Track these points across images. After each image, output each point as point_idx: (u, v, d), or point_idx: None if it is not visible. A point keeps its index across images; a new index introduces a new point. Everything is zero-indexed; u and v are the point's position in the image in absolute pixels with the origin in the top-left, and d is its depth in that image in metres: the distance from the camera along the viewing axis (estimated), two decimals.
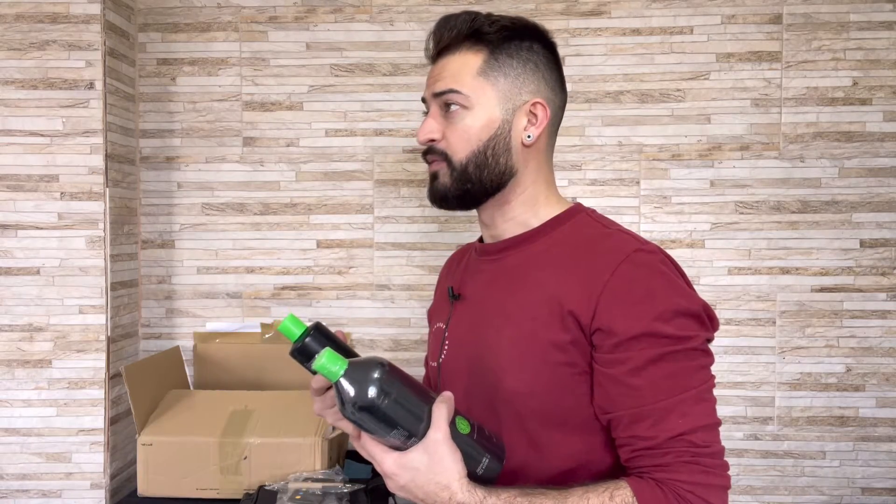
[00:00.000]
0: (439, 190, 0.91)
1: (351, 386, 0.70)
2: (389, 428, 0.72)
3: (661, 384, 0.77)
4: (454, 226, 1.68)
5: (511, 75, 0.89)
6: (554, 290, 0.83)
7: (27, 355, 1.50)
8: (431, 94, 0.91)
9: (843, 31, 1.62)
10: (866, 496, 1.63)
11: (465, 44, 0.89)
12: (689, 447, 0.76)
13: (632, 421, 0.78)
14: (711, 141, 1.64)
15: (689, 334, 0.78)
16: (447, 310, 0.98)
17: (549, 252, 0.89)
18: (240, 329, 1.70)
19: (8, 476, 1.50)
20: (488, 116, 0.88)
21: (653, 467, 0.76)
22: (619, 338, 0.78)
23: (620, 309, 0.78)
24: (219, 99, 1.69)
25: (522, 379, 0.83)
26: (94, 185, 1.49)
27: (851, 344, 1.63)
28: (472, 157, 0.89)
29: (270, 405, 1.49)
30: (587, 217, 0.92)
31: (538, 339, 0.83)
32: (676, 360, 0.78)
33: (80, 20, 1.48)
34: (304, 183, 1.69)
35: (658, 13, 1.64)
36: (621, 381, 0.78)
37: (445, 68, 0.90)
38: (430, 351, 1.01)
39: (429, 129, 0.90)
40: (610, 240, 0.86)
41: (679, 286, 0.82)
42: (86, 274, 1.50)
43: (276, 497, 1.31)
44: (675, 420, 0.76)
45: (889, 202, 1.62)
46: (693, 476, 0.75)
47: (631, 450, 0.79)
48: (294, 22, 1.68)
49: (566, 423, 0.83)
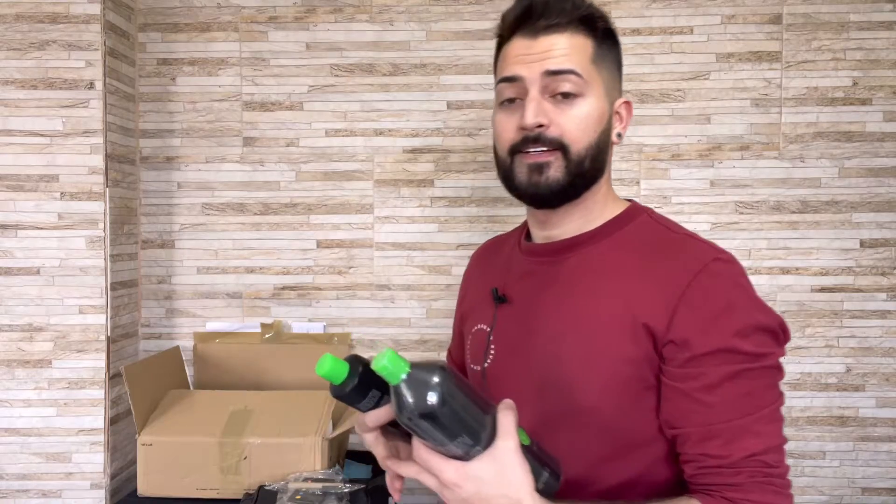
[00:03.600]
0: (549, 185, 0.82)
1: (414, 390, 0.64)
2: (453, 436, 0.65)
3: (735, 403, 0.74)
4: (454, 226, 1.68)
5: (610, 69, 0.86)
6: (625, 300, 0.79)
7: (27, 355, 1.50)
8: (544, 70, 0.81)
9: (843, 31, 1.62)
10: (866, 496, 1.63)
11: (573, 26, 0.82)
12: (762, 467, 0.73)
13: (702, 438, 0.75)
14: (711, 141, 1.64)
15: (765, 351, 0.75)
16: (489, 312, 0.92)
17: (612, 257, 0.84)
18: (240, 329, 1.70)
19: (8, 476, 1.50)
20: (600, 108, 0.83)
21: (724, 486, 0.74)
22: (693, 352, 0.74)
23: (697, 322, 0.75)
24: (219, 99, 1.69)
25: (590, 394, 0.79)
26: (94, 185, 1.49)
27: (851, 344, 1.63)
28: (590, 150, 0.82)
29: (270, 405, 1.49)
30: (649, 218, 0.87)
31: (608, 352, 0.79)
32: (752, 377, 0.75)
33: (80, 20, 1.48)
34: (304, 183, 1.69)
35: (658, 13, 1.64)
36: (693, 397, 0.75)
37: (555, 46, 0.81)
38: (472, 354, 0.95)
39: (540, 111, 0.81)
40: (684, 246, 0.82)
41: (758, 300, 0.79)
42: (86, 274, 1.50)
43: (276, 497, 1.31)
44: (749, 440, 0.74)
45: (889, 202, 1.62)
46: (765, 496, 0.73)
47: (698, 466, 0.76)
48: (294, 22, 1.68)
49: (631, 438, 0.80)
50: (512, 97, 0.84)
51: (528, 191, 0.83)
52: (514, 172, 0.84)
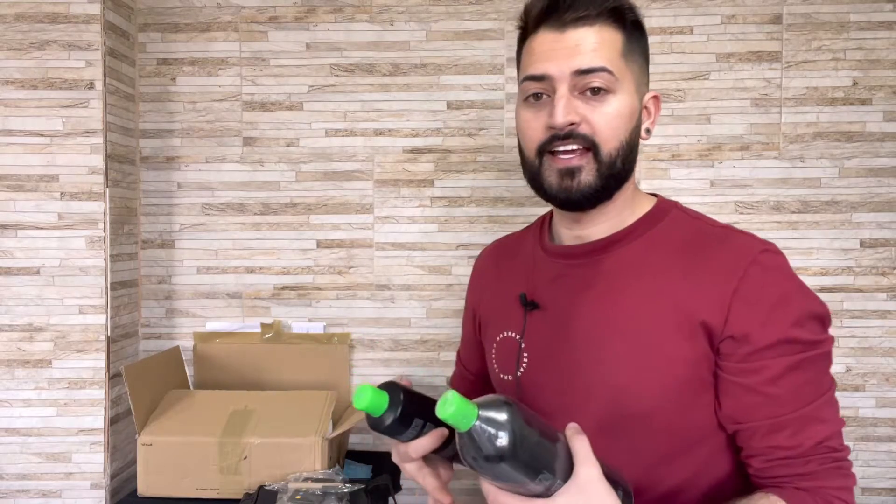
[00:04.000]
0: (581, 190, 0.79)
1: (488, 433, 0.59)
2: (534, 473, 0.62)
3: (799, 392, 0.74)
4: (454, 226, 1.68)
5: (639, 62, 0.83)
6: (674, 299, 0.77)
7: (27, 355, 1.50)
8: (574, 69, 0.77)
9: (843, 31, 1.62)
10: (866, 496, 1.63)
11: (602, 18, 0.78)
12: (830, 452, 0.74)
13: (770, 431, 0.75)
14: (711, 141, 1.64)
15: (820, 338, 0.77)
16: (517, 318, 0.88)
17: (650, 255, 0.81)
18: (240, 329, 1.70)
19: (8, 476, 1.50)
20: (631, 104, 0.80)
21: (795, 476, 0.74)
22: (754, 346, 0.74)
23: (755, 315, 0.74)
24: (219, 99, 1.69)
25: (646, 399, 0.77)
26: (94, 185, 1.49)
27: (851, 344, 1.63)
28: (621, 150, 0.79)
29: (270, 405, 1.49)
30: (681, 213, 0.86)
31: (662, 353, 0.77)
32: (811, 365, 0.76)
33: (80, 20, 1.48)
34: (304, 183, 1.69)
35: (658, 13, 1.64)
36: (758, 391, 0.74)
37: (584, 41, 0.77)
38: (501, 363, 0.91)
39: (570, 108, 0.77)
40: (728, 239, 0.80)
41: (807, 288, 0.79)
42: (86, 274, 1.50)
43: (276, 497, 1.31)
44: (816, 427, 0.74)
45: (889, 202, 1.62)
46: (837, 481, 0.74)
47: (766, 459, 0.75)
48: (294, 22, 1.68)
49: (688, 436, 0.79)
50: (538, 92, 0.80)
51: (560, 196, 0.80)
52: (542, 175, 0.81)
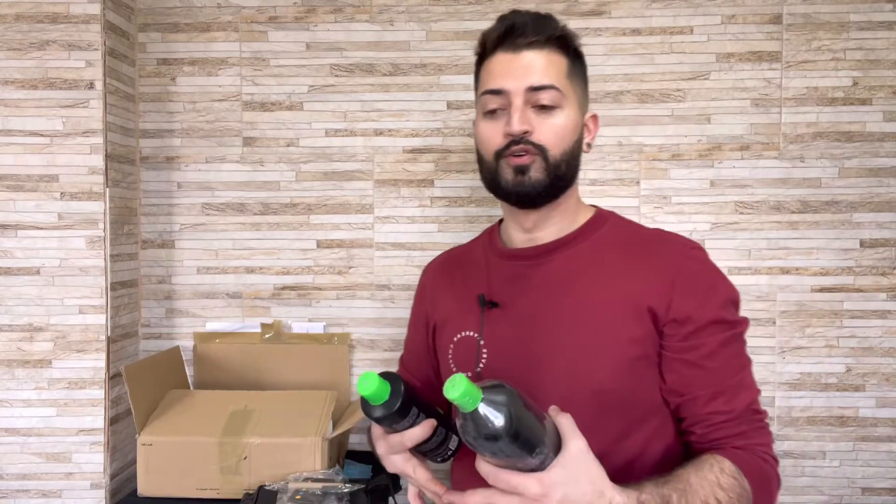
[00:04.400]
0: (532, 184, 0.91)
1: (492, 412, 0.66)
2: (532, 448, 0.69)
3: (730, 364, 0.88)
4: (454, 226, 1.68)
5: (581, 85, 0.97)
6: (623, 288, 0.89)
7: (27, 355, 1.50)
8: (528, 86, 0.90)
9: (843, 31, 1.62)
10: (866, 496, 1.63)
11: (550, 45, 0.92)
12: (756, 415, 0.88)
13: (710, 398, 0.86)
14: (711, 141, 1.64)
15: (739, 319, 0.91)
16: (474, 318, 0.97)
17: (598, 254, 0.94)
18: (240, 329, 1.70)
19: (8, 476, 1.50)
20: (575, 119, 0.93)
21: (731, 437, 0.86)
22: (693, 326, 0.87)
23: (692, 300, 0.87)
24: (219, 99, 1.69)
25: (605, 376, 0.87)
26: (94, 185, 1.49)
27: (851, 344, 1.63)
28: (566, 156, 0.92)
29: (270, 405, 1.49)
30: (619, 219, 1.00)
31: (615, 336, 0.88)
32: (737, 341, 0.89)
33: (80, 20, 1.48)
34: (304, 183, 1.69)
35: (658, 13, 1.64)
36: (698, 365, 0.87)
37: (536, 62, 0.91)
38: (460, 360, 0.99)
39: (525, 119, 0.90)
40: (665, 240, 0.94)
41: (726, 277, 0.92)
42: (86, 274, 1.50)
43: (276, 497, 1.31)
44: (745, 393, 0.88)
45: (889, 202, 1.62)
46: (763, 438, 0.87)
47: (709, 424, 0.87)
48: (294, 22, 1.68)
49: (640, 411, 0.89)
50: (495, 108, 0.93)
51: (514, 190, 0.92)
52: (500, 175, 0.92)
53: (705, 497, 0.77)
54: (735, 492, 0.80)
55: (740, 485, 0.81)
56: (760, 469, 0.84)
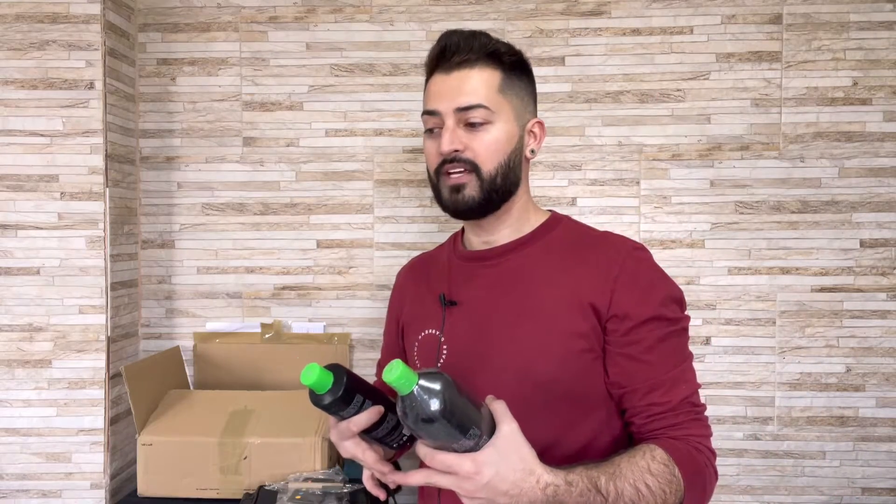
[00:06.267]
0: (466, 201, 0.96)
1: (427, 395, 0.71)
2: (465, 430, 0.73)
3: (668, 358, 0.91)
4: (454, 226, 1.67)
5: (520, 96, 0.99)
6: (569, 286, 0.93)
7: (27, 355, 1.50)
8: (455, 108, 0.94)
9: (843, 31, 1.62)
10: (866, 496, 1.63)
11: (481, 61, 0.96)
12: (693, 407, 0.91)
13: (648, 391, 0.90)
14: (711, 141, 1.64)
15: (679, 316, 0.94)
16: (436, 317, 1.02)
17: (549, 254, 0.98)
18: (240, 329, 1.70)
19: (8, 476, 1.50)
20: (509, 131, 0.97)
21: (667, 427, 0.90)
22: (633, 322, 0.90)
23: (632, 298, 0.91)
24: (219, 99, 1.69)
25: (551, 367, 0.92)
26: (94, 185, 1.49)
27: (851, 344, 1.63)
28: (500, 168, 0.96)
29: (270, 405, 1.49)
30: (572, 222, 1.04)
31: (562, 330, 0.92)
32: (676, 337, 0.93)
33: (80, 20, 1.48)
34: (304, 183, 1.69)
35: (658, 13, 1.64)
36: (638, 359, 0.91)
37: (465, 83, 0.95)
38: (423, 357, 1.04)
39: (454, 139, 0.95)
40: (607, 241, 0.98)
41: (668, 277, 0.96)
42: (86, 274, 1.50)
43: (276, 497, 1.31)
44: (681, 387, 0.91)
45: (889, 202, 1.62)
46: (699, 430, 0.91)
47: (647, 415, 0.91)
48: (294, 22, 1.68)
49: (587, 402, 0.93)
50: (432, 127, 0.98)
51: (451, 206, 0.98)
52: (440, 191, 0.98)
53: (634, 481, 0.81)
54: (664, 478, 0.83)
55: (671, 472, 0.84)
56: (693, 458, 0.87)
